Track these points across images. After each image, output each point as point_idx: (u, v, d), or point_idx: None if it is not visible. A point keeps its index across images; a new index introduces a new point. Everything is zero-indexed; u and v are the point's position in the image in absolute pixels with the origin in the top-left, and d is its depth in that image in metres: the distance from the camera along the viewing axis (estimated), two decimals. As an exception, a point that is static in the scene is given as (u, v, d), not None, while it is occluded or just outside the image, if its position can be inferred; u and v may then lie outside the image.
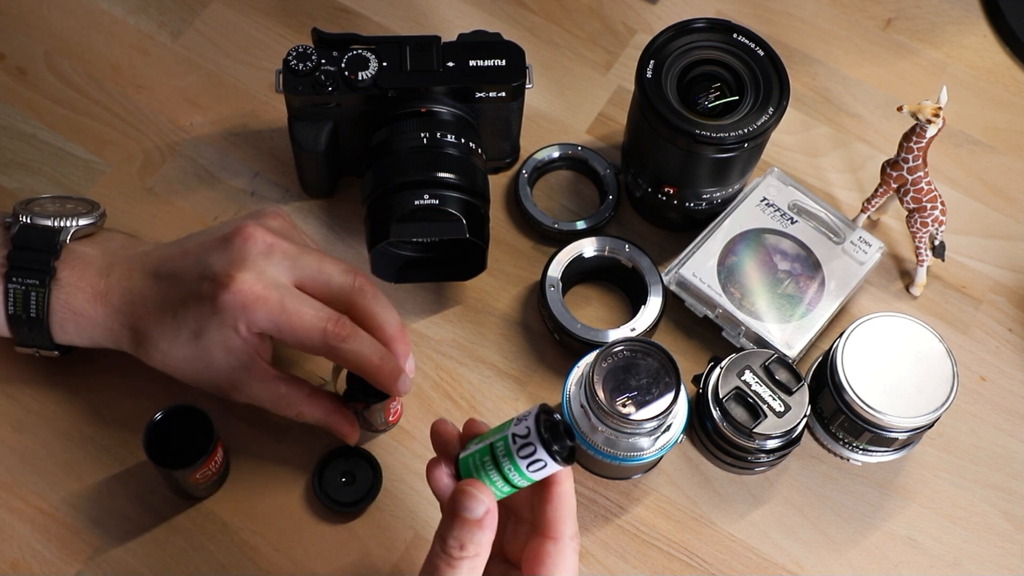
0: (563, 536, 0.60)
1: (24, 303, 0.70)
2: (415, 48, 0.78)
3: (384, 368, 0.69)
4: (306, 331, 0.67)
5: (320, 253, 0.71)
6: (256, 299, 0.67)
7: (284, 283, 0.69)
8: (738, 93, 0.76)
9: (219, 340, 0.68)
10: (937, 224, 0.81)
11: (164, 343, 0.70)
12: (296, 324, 0.67)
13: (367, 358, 0.69)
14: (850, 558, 0.76)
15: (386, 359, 0.69)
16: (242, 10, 0.92)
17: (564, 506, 0.60)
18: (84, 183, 0.85)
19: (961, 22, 0.96)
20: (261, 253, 0.69)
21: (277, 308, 0.67)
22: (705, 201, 0.80)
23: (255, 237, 0.69)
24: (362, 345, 0.69)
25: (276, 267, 0.69)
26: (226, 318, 0.67)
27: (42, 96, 0.88)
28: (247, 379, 0.70)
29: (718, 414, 0.73)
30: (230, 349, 0.69)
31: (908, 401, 0.72)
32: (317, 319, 0.68)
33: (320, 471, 0.75)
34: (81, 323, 0.71)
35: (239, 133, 0.88)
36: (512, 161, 0.87)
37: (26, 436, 0.76)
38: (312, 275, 0.69)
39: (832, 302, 0.79)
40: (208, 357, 0.69)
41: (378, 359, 0.69)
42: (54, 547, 0.73)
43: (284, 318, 0.67)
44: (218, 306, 0.67)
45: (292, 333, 0.68)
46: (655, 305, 0.79)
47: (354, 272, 0.70)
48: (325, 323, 0.68)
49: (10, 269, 0.70)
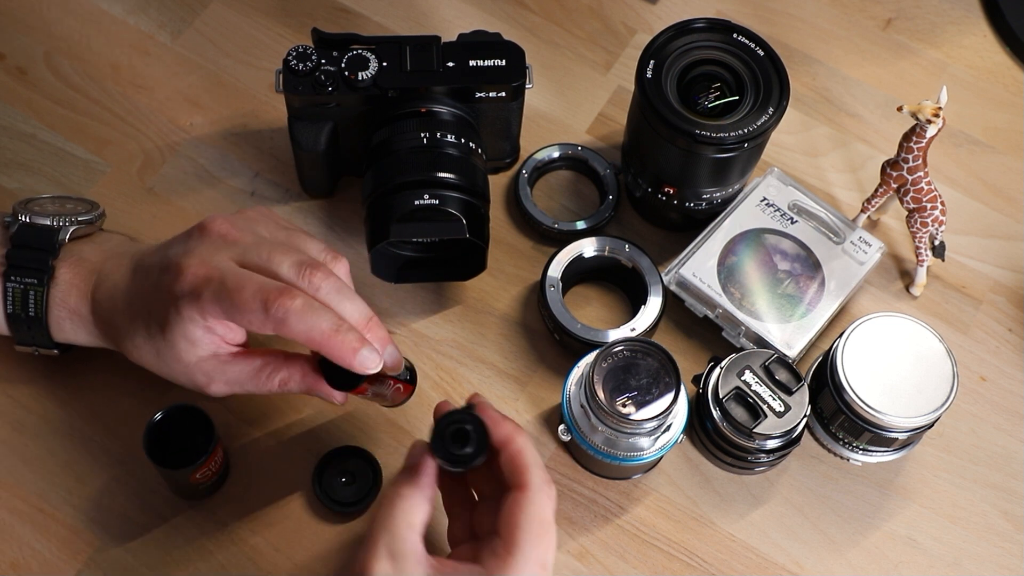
0: (528, 485, 0.61)
1: (23, 302, 0.70)
2: (415, 48, 0.78)
3: (338, 338, 0.63)
4: (247, 304, 0.63)
5: (276, 244, 0.67)
6: (200, 281, 0.65)
7: (228, 262, 0.66)
8: (738, 93, 0.76)
9: (180, 332, 0.66)
10: (937, 224, 0.81)
11: (139, 338, 0.69)
12: (238, 299, 0.63)
13: (319, 329, 0.63)
14: (850, 558, 0.76)
15: (342, 329, 0.64)
16: (242, 10, 0.92)
17: (520, 460, 0.62)
18: (84, 183, 0.85)
19: (961, 22, 0.96)
20: (213, 242, 0.67)
21: (219, 286, 0.64)
22: (705, 201, 0.80)
23: (212, 227, 0.68)
24: (314, 317, 0.63)
25: (224, 252, 0.67)
26: (181, 306, 0.65)
27: (42, 96, 0.88)
28: (218, 366, 0.68)
29: (718, 414, 0.73)
30: (193, 341, 0.66)
31: (908, 401, 0.72)
32: (258, 289, 0.63)
33: (320, 471, 0.75)
34: (76, 321, 0.71)
35: (239, 133, 0.88)
36: (512, 161, 0.87)
37: (26, 436, 0.76)
38: (259, 263, 0.66)
39: (832, 302, 0.79)
40: (176, 351, 0.67)
41: (331, 328, 0.63)
42: (54, 547, 0.73)
43: (225, 294, 0.64)
44: (173, 295, 0.66)
45: (235, 310, 0.64)
46: (655, 305, 0.79)
47: (308, 267, 0.66)
48: (267, 293, 0.63)
49: (9, 268, 0.70)
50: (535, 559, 0.60)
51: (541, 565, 0.60)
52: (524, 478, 0.61)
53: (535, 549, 0.60)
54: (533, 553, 0.60)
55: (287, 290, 0.63)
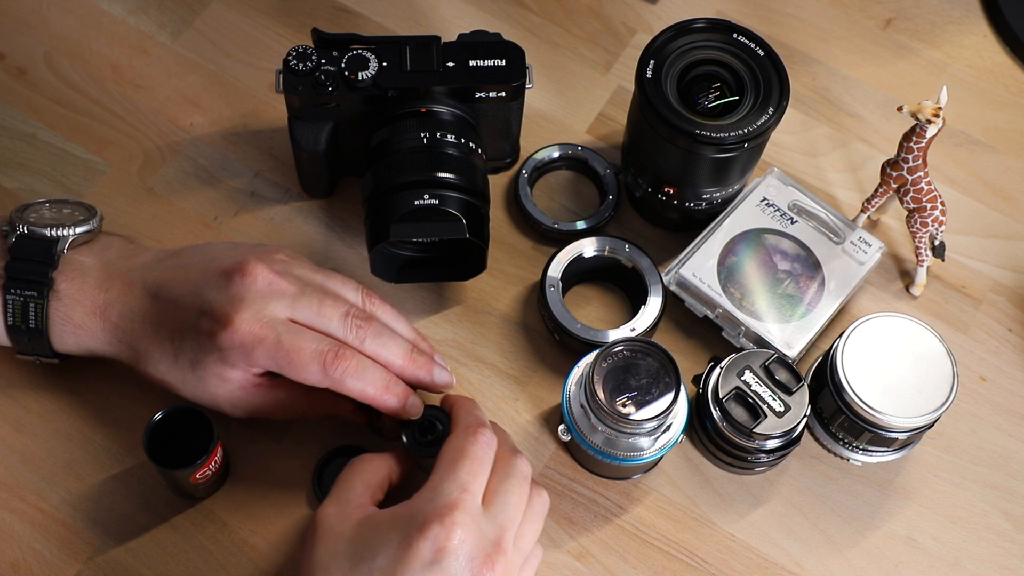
0: (456, 428, 0.67)
1: (23, 314, 0.70)
2: (415, 48, 0.78)
3: (388, 395, 0.69)
4: (304, 365, 0.67)
5: (321, 293, 0.70)
6: (254, 339, 0.67)
7: (282, 320, 0.68)
8: (738, 93, 0.76)
9: (216, 372, 0.68)
10: (937, 224, 0.81)
11: (163, 365, 0.70)
12: (295, 359, 0.67)
13: (373, 388, 0.68)
14: (850, 558, 0.76)
15: (391, 385, 0.69)
16: (242, 10, 0.92)
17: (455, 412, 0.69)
18: (84, 183, 0.85)
19: (961, 22, 0.96)
20: (260, 292, 0.68)
21: (274, 346, 0.67)
22: (705, 201, 0.80)
23: (256, 274, 0.68)
24: (367, 376, 0.68)
25: (275, 305, 0.68)
26: (225, 356, 0.67)
27: (42, 96, 0.88)
28: (244, 397, 0.70)
29: (718, 414, 0.73)
30: (226, 380, 0.69)
31: (908, 401, 0.72)
32: (316, 352, 0.67)
33: (320, 471, 0.75)
34: (80, 335, 0.71)
35: (239, 133, 0.88)
36: (512, 161, 0.87)
37: (26, 436, 0.76)
38: (310, 318, 0.69)
39: (832, 302, 0.79)
40: (204, 384, 0.69)
41: (383, 385, 0.69)
42: (54, 547, 0.73)
43: (282, 355, 0.67)
44: (216, 344, 0.67)
45: (292, 369, 0.67)
46: (655, 305, 0.79)
47: (355, 318, 0.69)
48: (324, 355, 0.67)
49: (8, 280, 0.70)
50: (452, 479, 0.63)
51: (460, 487, 0.63)
52: (455, 424, 0.68)
53: (452, 472, 0.64)
54: (450, 475, 0.64)
55: (342, 352, 0.68)
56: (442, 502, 0.62)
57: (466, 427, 0.67)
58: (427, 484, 0.64)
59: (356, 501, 0.66)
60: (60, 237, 0.71)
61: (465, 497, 0.63)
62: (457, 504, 0.62)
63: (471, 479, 0.64)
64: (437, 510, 0.62)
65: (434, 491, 0.63)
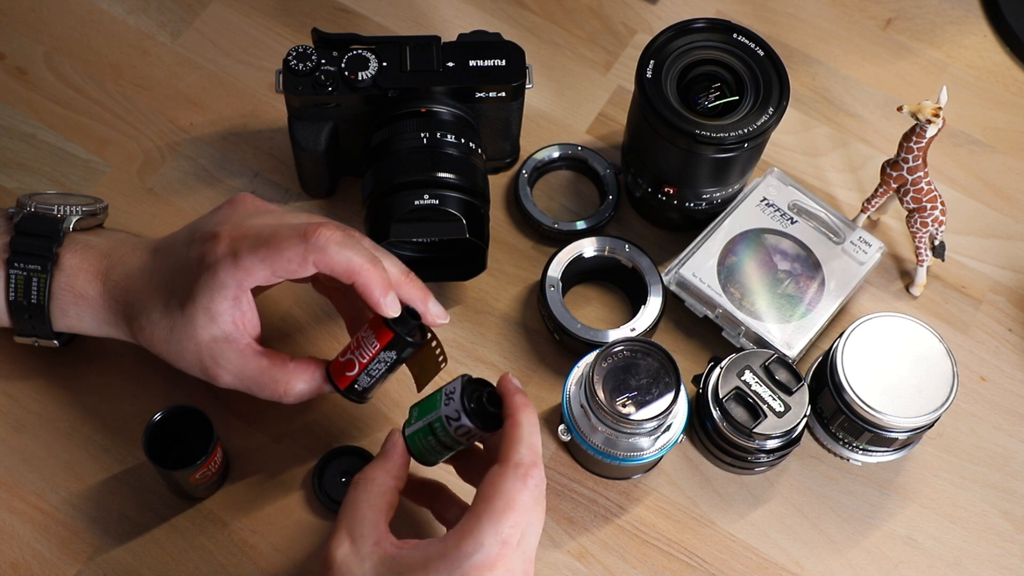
0: (508, 460, 0.62)
1: (25, 289, 0.70)
2: (415, 48, 0.78)
3: (379, 269, 0.66)
4: (286, 240, 0.65)
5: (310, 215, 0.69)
6: (237, 239, 0.66)
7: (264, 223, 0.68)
8: (738, 93, 0.76)
9: (205, 302, 0.66)
10: (937, 224, 0.81)
11: (155, 314, 0.68)
12: (275, 241, 0.65)
13: (359, 259, 0.65)
14: (850, 558, 0.76)
15: (378, 265, 0.66)
16: (242, 10, 0.92)
17: (513, 434, 0.63)
18: (84, 183, 0.85)
19: (961, 22, 0.96)
20: (248, 211, 0.70)
21: (255, 236, 0.66)
22: (705, 201, 0.80)
23: (244, 199, 0.71)
24: (354, 246, 0.65)
25: (262, 218, 0.69)
26: (218, 270, 0.66)
27: (42, 96, 0.88)
28: (228, 351, 0.68)
29: (718, 414, 0.73)
30: (213, 314, 0.66)
31: (908, 401, 0.72)
32: (297, 226, 0.65)
33: (320, 471, 0.75)
34: (81, 305, 0.71)
35: (239, 133, 0.88)
36: (512, 161, 0.87)
37: (26, 436, 0.76)
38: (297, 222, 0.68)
39: (832, 302, 0.79)
40: (192, 327, 0.67)
41: (370, 259, 0.65)
42: (54, 547, 0.73)
43: (263, 240, 0.65)
44: (207, 263, 0.66)
45: (276, 252, 0.65)
46: (655, 305, 0.79)
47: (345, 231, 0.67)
48: (305, 227, 0.65)
49: (12, 255, 0.70)
50: (495, 534, 0.59)
51: (501, 542, 0.59)
52: (508, 453, 0.62)
53: (496, 524, 0.60)
54: (493, 528, 0.59)
55: (327, 222, 0.66)
56: (481, 559, 0.59)
57: (517, 464, 0.62)
58: (466, 526, 0.60)
59: (371, 536, 0.62)
60: (66, 215, 0.72)
61: (506, 552, 0.60)
62: (497, 562, 0.59)
63: (513, 532, 0.60)
64: (476, 567, 0.59)
65: (476, 543, 0.59)
